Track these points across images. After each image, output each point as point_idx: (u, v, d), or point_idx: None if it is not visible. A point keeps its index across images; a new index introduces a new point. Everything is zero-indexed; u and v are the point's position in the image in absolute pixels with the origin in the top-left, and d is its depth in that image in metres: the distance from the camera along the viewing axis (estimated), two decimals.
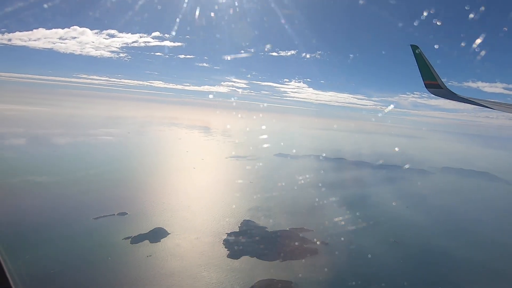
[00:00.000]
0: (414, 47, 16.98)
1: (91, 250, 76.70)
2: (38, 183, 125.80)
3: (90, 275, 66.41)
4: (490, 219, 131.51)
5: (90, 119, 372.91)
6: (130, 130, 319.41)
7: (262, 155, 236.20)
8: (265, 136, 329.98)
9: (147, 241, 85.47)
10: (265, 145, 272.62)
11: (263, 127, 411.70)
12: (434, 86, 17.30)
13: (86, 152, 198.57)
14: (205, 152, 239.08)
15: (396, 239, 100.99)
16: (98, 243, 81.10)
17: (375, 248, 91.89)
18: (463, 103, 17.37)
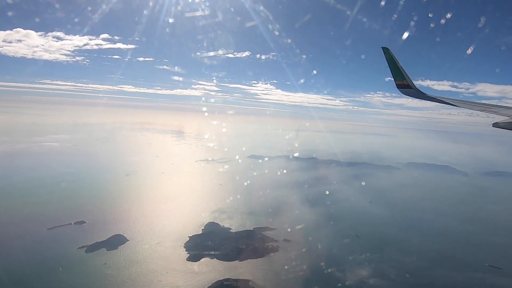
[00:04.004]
0: (385, 50, 17.15)
1: (40, 262, 72.78)
2: None
3: None
4: (446, 209, 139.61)
5: (53, 126, 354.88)
6: (98, 136, 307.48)
7: (235, 158, 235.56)
8: (238, 139, 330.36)
9: (103, 249, 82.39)
10: (238, 148, 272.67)
11: (237, 129, 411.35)
12: (405, 86, 17.75)
13: (45, 160, 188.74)
14: (176, 157, 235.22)
15: (358, 233, 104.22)
16: (49, 254, 77.21)
17: (336, 243, 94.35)
18: (427, 101, 18.00)
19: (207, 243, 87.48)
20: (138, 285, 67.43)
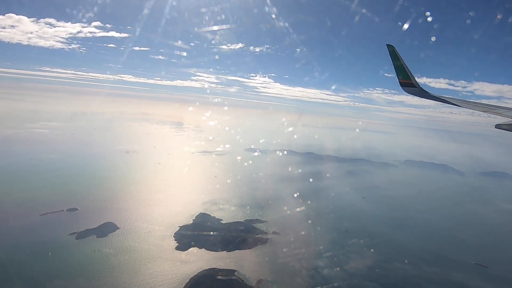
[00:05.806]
0: (389, 47, 16.98)
1: (29, 246, 73.73)
2: None
3: (23, 271, 63.91)
4: (438, 207, 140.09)
5: (49, 113, 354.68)
6: (97, 125, 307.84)
7: (232, 150, 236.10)
8: (237, 131, 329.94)
9: (94, 236, 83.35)
10: (236, 140, 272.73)
11: (235, 122, 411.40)
12: (408, 84, 17.73)
13: (40, 147, 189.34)
14: (173, 148, 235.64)
15: (348, 228, 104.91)
16: (40, 239, 78.17)
17: (325, 237, 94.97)
18: (428, 100, 17.99)
19: (196, 233, 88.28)
20: (125, 273, 68.29)
